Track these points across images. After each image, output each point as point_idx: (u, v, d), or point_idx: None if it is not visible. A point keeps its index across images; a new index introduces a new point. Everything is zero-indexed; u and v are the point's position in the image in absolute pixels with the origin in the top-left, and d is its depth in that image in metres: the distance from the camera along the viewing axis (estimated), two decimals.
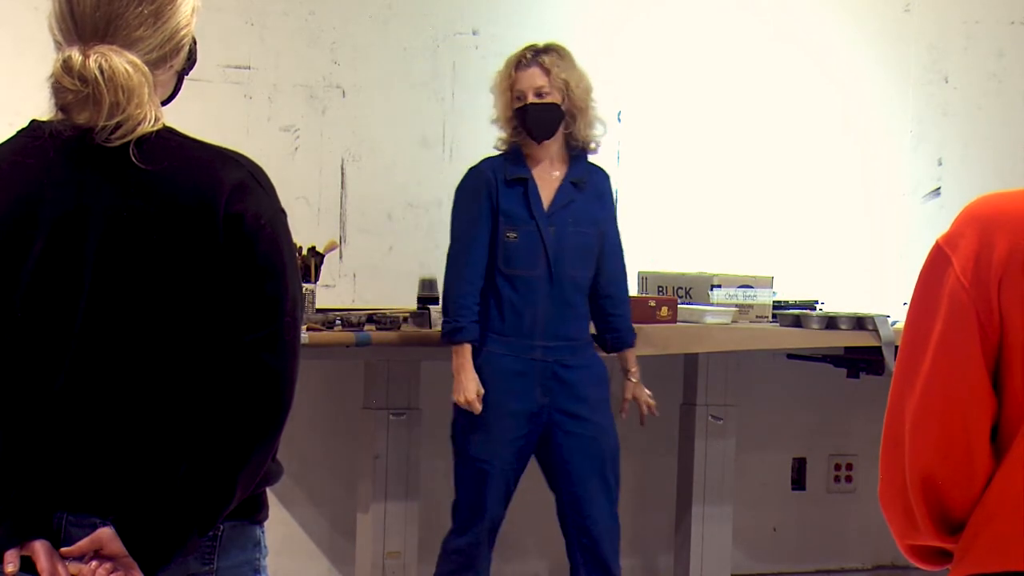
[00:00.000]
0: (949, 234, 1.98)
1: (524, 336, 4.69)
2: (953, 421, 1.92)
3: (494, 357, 4.70)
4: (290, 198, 5.21)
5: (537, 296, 4.69)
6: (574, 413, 4.71)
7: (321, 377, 5.43)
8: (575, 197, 4.73)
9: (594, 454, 4.73)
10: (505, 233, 4.69)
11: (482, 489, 4.71)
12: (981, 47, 6.29)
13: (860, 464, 6.20)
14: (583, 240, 4.72)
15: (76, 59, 2.16)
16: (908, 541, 2.01)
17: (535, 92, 4.67)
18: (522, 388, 4.69)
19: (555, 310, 4.70)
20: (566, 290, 4.71)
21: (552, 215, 4.71)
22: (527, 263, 4.70)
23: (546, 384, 4.69)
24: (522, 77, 4.69)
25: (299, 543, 5.51)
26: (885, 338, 5.12)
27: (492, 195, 4.71)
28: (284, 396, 2.20)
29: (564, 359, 4.71)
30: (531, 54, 4.70)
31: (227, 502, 2.19)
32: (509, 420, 4.69)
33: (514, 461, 4.73)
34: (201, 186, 2.18)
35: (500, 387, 4.68)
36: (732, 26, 5.99)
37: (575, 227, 4.72)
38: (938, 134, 6.26)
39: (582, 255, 4.73)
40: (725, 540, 5.55)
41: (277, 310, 2.19)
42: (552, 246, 4.69)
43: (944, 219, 6.24)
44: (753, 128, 6.01)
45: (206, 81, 5.26)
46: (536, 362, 4.70)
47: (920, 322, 1.95)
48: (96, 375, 2.19)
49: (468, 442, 4.71)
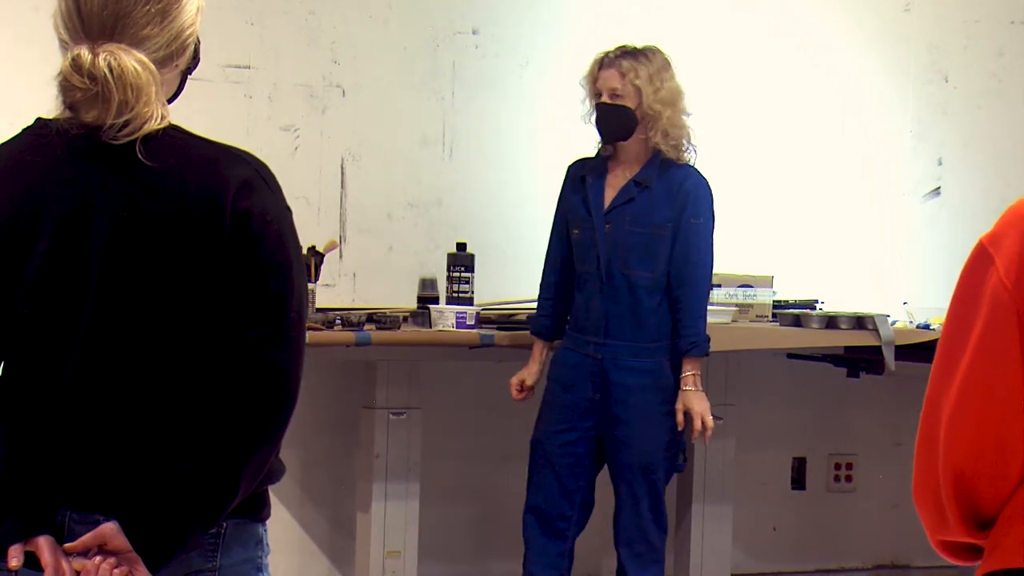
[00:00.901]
0: (993, 233, 1.96)
1: (582, 332, 4.75)
2: (989, 420, 1.91)
3: (561, 350, 4.82)
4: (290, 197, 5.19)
5: (592, 293, 4.73)
6: (618, 416, 4.70)
7: (321, 377, 5.43)
8: (635, 196, 4.71)
9: (628, 462, 4.72)
10: (571, 230, 4.79)
11: (530, 475, 4.81)
12: (981, 46, 6.30)
13: (860, 464, 6.20)
14: (640, 239, 4.69)
15: (85, 57, 2.16)
16: (939, 537, 2.01)
17: (610, 93, 4.70)
18: (574, 382, 4.74)
19: (608, 308, 4.70)
20: (619, 289, 4.69)
21: (610, 213, 4.72)
22: (585, 261, 4.76)
23: (597, 382, 4.71)
24: (601, 76, 4.72)
25: (299, 542, 5.51)
26: (885, 337, 5.12)
27: (567, 193, 4.84)
28: (289, 393, 2.20)
29: (619, 359, 4.70)
30: (613, 55, 4.73)
31: (230, 499, 2.19)
32: (560, 411, 4.75)
33: (563, 454, 4.74)
34: (207, 183, 2.18)
35: (557, 380, 4.78)
36: (731, 25, 5.99)
37: (632, 226, 4.70)
38: (938, 133, 6.26)
39: (639, 254, 4.69)
40: (725, 539, 5.55)
41: (283, 307, 2.19)
42: (604, 244, 4.70)
43: (944, 218, 6.25)
44: (752, 127, 6.01)
45: (206, 80, 5.25)
46: (589, 358, 4.72)
47: (960, 320, 1.94)
48: (101, 372, 2.20)
49: (534, 430, 4.84)
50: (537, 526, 4.78)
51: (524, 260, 5.37)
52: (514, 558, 5.66)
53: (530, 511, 4.80)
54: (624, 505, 4.75)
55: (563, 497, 4.75)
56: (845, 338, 5.22)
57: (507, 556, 5.72)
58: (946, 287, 6.66)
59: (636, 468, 4.71)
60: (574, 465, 4.75)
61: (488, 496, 5.73)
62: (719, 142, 5.78)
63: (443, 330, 5.03)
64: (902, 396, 6.20)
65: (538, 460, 4.80)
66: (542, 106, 5.72)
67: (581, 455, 4.75)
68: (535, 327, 4.89)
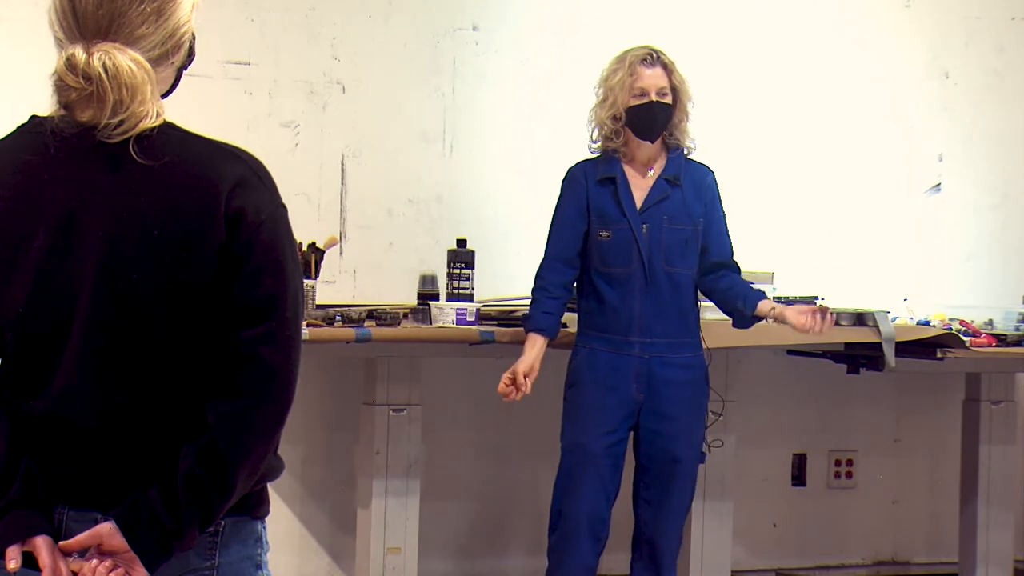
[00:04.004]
0: None
1: (621, 332, 4.73)
2: None
3: (593, 353, 4.76)
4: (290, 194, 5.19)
5: (633, 293, 4.72)
6: (663, 412, 4.72)
7: (321, 373, 5.44)
8: (669, 193, 4.74)
9: (666, 459, 4.73)
10: (598, 233, 4.75)
11: (569, 482, 4.75)
12: (982, 43, 6.29)
13: (860, 460, 6.20)
14: (679, 236, 4.73)
15: (80, 57, 2.16)
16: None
17: (658, 92, 4.71)
18: (617, 383, 4.73)
19: (652, 306, 4.71)
20: (662, 286, 4.72)
21: (645, 212, 4.73)
22: (622, 261, 4.74)
23: (642, 380, 4.71)
24: (647, 75, 4.71)
25: (300, 539, 5.51)
26: (885, 334, 5.12)
27: (582, 196, 4.78)
28: (286, 391, 2.20)
29: (663, 356, 4.71)
30: (655, 54, 4.74)
31: (228, 497, 2.19)
32: (602, 414, 4.73)
33: (608, 456, 4.72)
34: (202, 182, 2.18)
35: (597, 381, 4.74)
36: (731, 22, 5.99)
37: (671, 223, 4.73)
38: (939, 130, 6.26)
39: (679, 251, 4.73)
40: (725, 536, 5.55)
41: (278, 306, 2.19)
42: (645, 243, 4.71)
43: (945, 215, 6.25)
44: (753, 124, 6.01)
45: (206, 77, 5.26)
46: (633, 358, 4.72)
47: None
48: (97, 370, 2.19)
49: (563, 433, 4.80)
50: (583, 532, 4.73)
51: (524, 257, 5.37)
52: (515, 554, 5.66)
53: (578, 518, 4.72)
54: (667, 500, 4.75)
55: (605, 500, 4.75)
56: (845, 334, 5.22)
57: (508, 552, 5.73)
58: (946, 283, 6.65)
59: (684, 461, 4.74)
60: (615, 467, 4.75)
61: (488, 492, 5.73)
62: (720, 139, 5.78)
63: (443, 326, 5.03)
64: (902, 392, 6.21)
65: (581, 464, 4.73)
66: (542, 103, 5.72)
67: (621, 456, 4.76)
68: (539, 323, 4.75)
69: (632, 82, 4.71)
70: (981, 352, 5.33)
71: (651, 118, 4.71)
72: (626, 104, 4.71)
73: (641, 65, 4.71)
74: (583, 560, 4.75)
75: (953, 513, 5.97)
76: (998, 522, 5.79)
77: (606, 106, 4.74)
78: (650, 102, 4.70)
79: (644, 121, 4.72)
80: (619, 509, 4.83)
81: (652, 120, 4.72)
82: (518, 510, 5.60)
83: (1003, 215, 6.32)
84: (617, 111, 4.72)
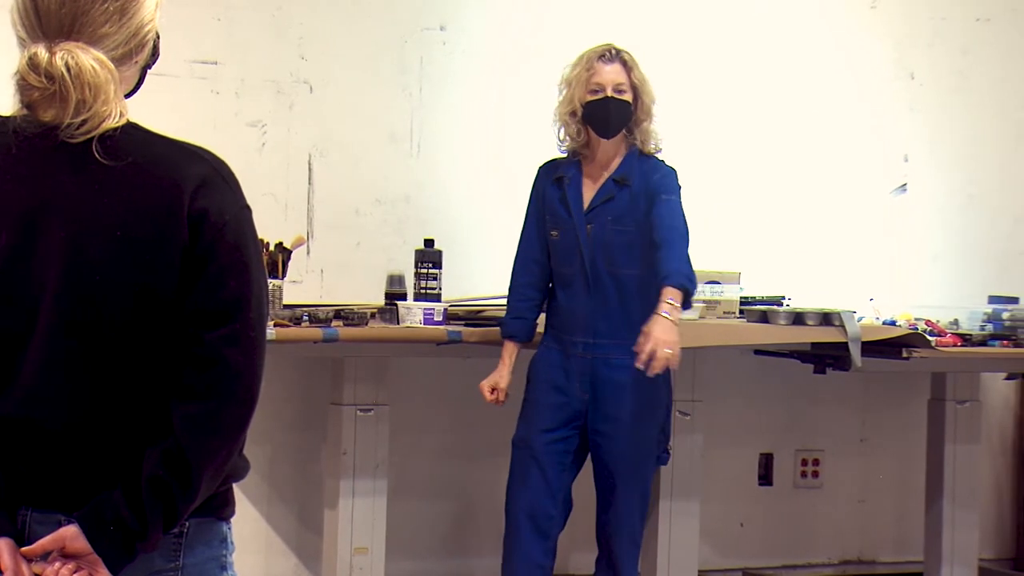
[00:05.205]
0: None
1: (568, 332, 4.75)
2: None
3: (544, 351, 4.80)
4: (257, 194, 5.18)
5: (578, 293, 4.73)
6: (608, 413, 4.72)
7: (288, 373, 5.42)
8: (615, 194, 4.72)
9: (612, 460, 4.74)
10: (550, 232, 4.78)
11: (513, 478, 4.79)
12: (947, 43, 6.32)
13: (827, 459, 6.22)
14: (624, 237, 4.70)
15: (42, 56, 2.15)
16: None
17: (615, 88, 4.69)
18: (563, 382, 4.74)
19: (596, 307, 4.71)
20: (606, 287, 4.71)
21: (590, 213, 4.73)
22: (568, 261, 4.75)
23: (585, 381, 4.71)
24: (604, 71, 4.69)
25: (266, 539, 5.50)
26: (852, 334, 5.14)
27: (540, 195, 4.82)
28: (250, 393, 2.19)
29: (608, 357, 4.71)
30: (614, 51, 4.72)
31: (192, 499, 2.18)
32: (546, 412, 4.75)
33: (550, 453, 4.74)
34: (165, 182, 2.17)
35: (545, 380, 4.77)
36: (697, 23, 6.00)
37: (614, 225, 4.71)
38: (904, 130, 6.29)
39: (624, 252, 4.70)
40: (692, 535, 5.56)
41: (242, 307, 2.18)
42: (588, 244, 4.70)
43: (911, 215, 6.28)
44: (719, 123, 6.02)
45: (173, 76, 5.24)
46: (577, 358, 4.72)
47: None
48: (61, 371, 2.19)
49: (516, 430, 4.82)
50: (524, 526, 4.76)
51: (492, 256, 5.37)
52: (482, 554, 5.65)
53: (517, 511, 4.77)
54: (615, 501, 4.76)
55: (549, 496, 4.75)
56: (812, 334, 5.23)
57: (475, 552, 5.72)
58: (912, 284, 6.67)
59: (627, 464, 4.74)
60: (559, 464, 4.75)
61: (456, 492, 5.73)
62: (687, 138, 5.79)
63: (411, 326, 5.03)
64: (868, 392, 6.23)
65: (524, 459, 4.78)
66: (509, 103, 5.72)
67: (566, 454, 4.76)
68: (508, 330, 4.85)
69: (588, 77, 4.70)
70: (946, 352, 5.35)
71: (606, 114, 4.69)
72: (583, 100, 4.70)
73: (599, 61, 4.70)
74: (528, 556, 4.76)
75: (919, 512, 6.00)
76: (963, 521, 5.82)
77: (565, 103, 4.74)
78: (605, 98, 4.68)
79: (599, 117, 4.70)
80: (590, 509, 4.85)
81: (607, 116, 4.69)
82: (486, 510, 5.60)
83: (968, 216, 6.35)
84: (574, 107, 4.71)
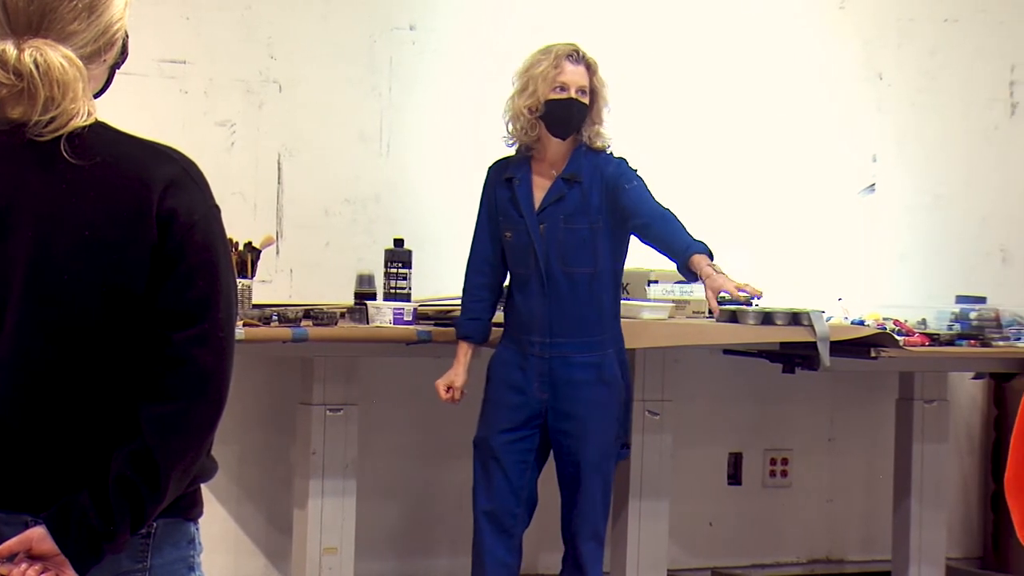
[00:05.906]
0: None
1: (525, 332, 4.75)
2: None
3: (502, 351, 4.81)
4: (226, 193, 5.19)
5: (533, 293, 4.73)
6: (566, 411, 4.73)
7: (258, 373, 5.41)
8: (566, 193, 4.72)
9: (571, 459, 4.76)
10: (503, 233, 4.79)
11: (475, 477, 4.81)
12: (915, 44, 6.35)
13: (796, 459, 6.24)
14: (577, 236, 4.71)
15: (10, 53, 2.14)
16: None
17: (578, 89, 4.69)
18: (521, 382, 4.75)
19: (552, 307, 4.72)
20: (561, 287, 4.71)
21: (542, 212, 4.73)
22: (522, 262, 4.76)
23: (544, 380, 4.72)
24: (571, 71, 4.70)
25: (235, 539, 5.48)
26: (820, 334, 5.15)
27: (492, 196, 4.82)
28: (217, 394, 2.19)
29: (566, 356, 4.71)
30: (580, 52, 4.73)
31: (160, 500, 2.17)
32: (504, 412, 4.76)
33: (510, 452, 4.75)
34: (133, 182, 2.17)
35: (503, 380, 4.78)
36: (662, 23, 6.00)
37: (567, 223, 4.71)
38: (873, 130, 6.31)
39: (578, 250, 4.71)
40: (661, 534, 5.56)
41: (210, 307, 2.17)
42: (542, 244, 4.71)
43: (879, 215, 6.30)
44: (687, 124, 6.03)
45: (141, 75, 5.22)
46: (534, 358, 4.73)
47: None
48: (28, 371, 2.18)
49: (476, 430, 4.83)
50: (489, 526, 4.78)
51: (462, 256, 5.36)
52: (451, 554, 5.65)
53: (481, 512, 4.79)
54: (578, 499, 4.77)
55: (511, 495, 4.77)
56: (781, 334, 5.24)
57: (444, 552, 5.72)
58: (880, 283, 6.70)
59: (588, 462, 4.74)
60: (520, 463, 4.77)
61: (425, 493, 5.73)
62: (654, 138, 5.80)
63: (380, 326, 5.03)
64: (837, 392, 6.25)
65: (485, 459, 4.80)
66: (479, 102, 5.72)
67: (527, 452, 4.77)
68: (463, 331, 4.87)
69: (555, 75, 4.69)
70: (914, 351, 5.37)
71: (568, 115, 4.70)
72: (546, 96, 4.69)
73: (567, 60, 4.71)
74: (493, 555, 4.77)
75: (887, 511, 6.02)
76: (931, 520, 5.84)
77: (525, 96, 4.71)
78: (570, 98, 4.69)
79: (560, 117, 4.70)
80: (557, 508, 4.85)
81: (568, 117, 4.70)
82: (455, 510, 5.59)
83: (936, 215, 6.38)
84: (536, 103, 4.70)
